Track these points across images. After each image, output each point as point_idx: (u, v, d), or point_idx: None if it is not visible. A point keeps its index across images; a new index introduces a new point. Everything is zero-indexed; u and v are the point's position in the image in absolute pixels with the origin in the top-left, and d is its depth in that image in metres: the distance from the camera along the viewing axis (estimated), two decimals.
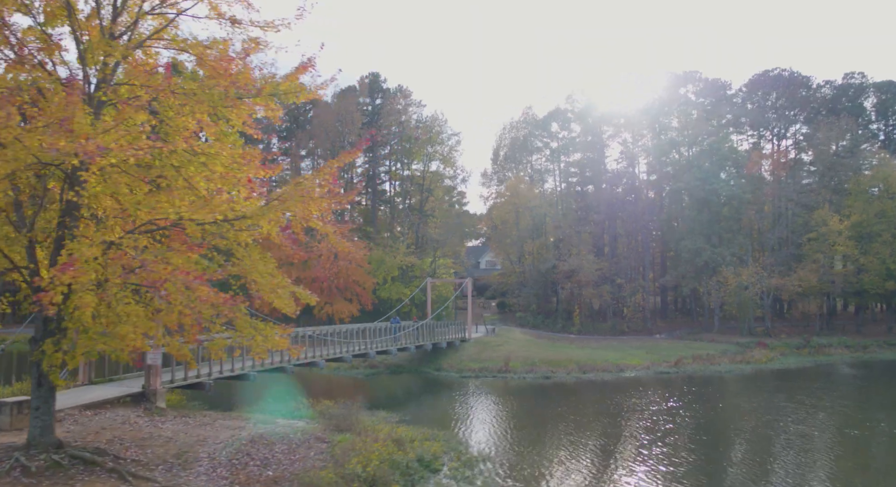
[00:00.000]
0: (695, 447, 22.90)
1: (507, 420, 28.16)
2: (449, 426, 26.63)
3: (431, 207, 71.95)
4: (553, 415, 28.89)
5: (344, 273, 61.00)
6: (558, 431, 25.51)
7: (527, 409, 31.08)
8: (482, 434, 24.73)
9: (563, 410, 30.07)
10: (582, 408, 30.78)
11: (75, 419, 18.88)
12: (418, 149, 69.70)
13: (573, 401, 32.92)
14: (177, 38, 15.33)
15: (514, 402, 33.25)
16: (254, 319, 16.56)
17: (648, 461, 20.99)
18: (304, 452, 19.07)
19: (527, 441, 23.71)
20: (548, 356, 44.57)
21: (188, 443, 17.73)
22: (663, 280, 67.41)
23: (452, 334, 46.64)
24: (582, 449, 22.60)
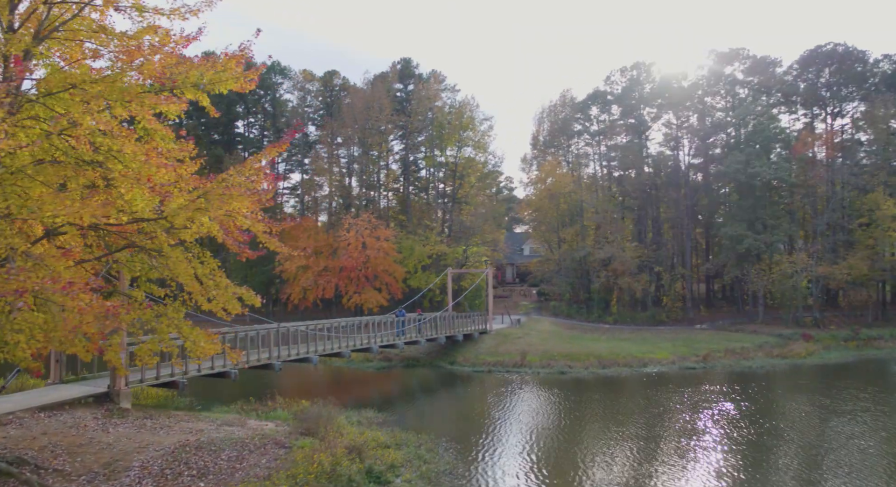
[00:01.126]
0: (659, 464, 21.18)
1: (498, 423, 26.85)
2: (436, 426, 25.53)
3: (465, 193, 70.53)
4: (552, 415, 27.47)
5: (372, 262, 60.39)
6: (546, 436, 24.10)
7: (527, 408, 29.66)
8: (464, 438, 23.50)
9: (565, 410, 28.58)
10: (585, 408, 29.25)
11: (22, 423, 18.52)
12: (450, 134, 68.27)
13: (578, 400, 31.38)
14: (84, 30, 14.44)
15: (517, 400, 31.88)
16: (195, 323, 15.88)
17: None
18: (256, 459, 18.29)
19: (508, 447, 22.38)
20: (568, 349, 42.93)
21: (126, 450, 17.12)
22: (704, 268, 64.55)
23: (472, 326, 45.45)
24: (565, 462, 21.15)
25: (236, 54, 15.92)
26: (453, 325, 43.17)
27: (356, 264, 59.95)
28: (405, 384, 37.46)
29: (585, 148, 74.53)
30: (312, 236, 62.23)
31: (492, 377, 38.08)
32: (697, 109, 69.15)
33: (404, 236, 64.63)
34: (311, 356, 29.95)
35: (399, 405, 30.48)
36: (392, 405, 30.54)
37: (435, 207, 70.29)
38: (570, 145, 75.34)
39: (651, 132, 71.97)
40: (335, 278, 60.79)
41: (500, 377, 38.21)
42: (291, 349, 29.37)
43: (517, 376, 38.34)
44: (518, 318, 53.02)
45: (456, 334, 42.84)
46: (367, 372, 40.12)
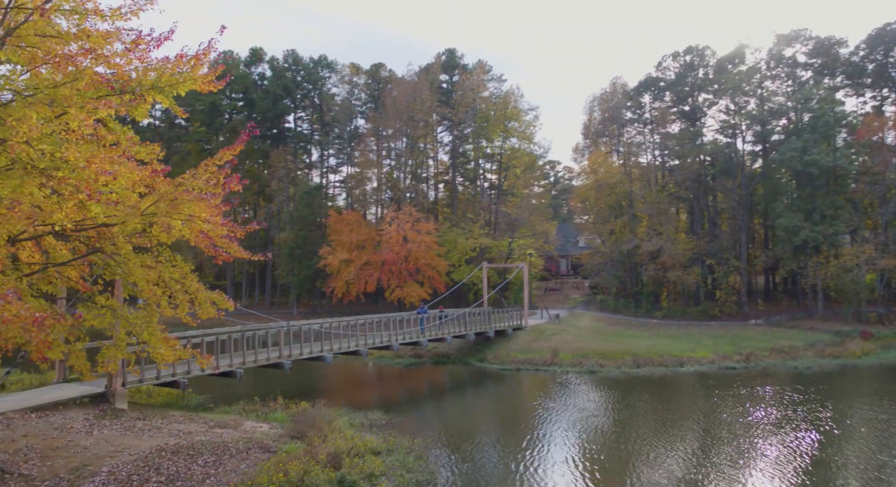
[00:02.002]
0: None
1: (504, 426, 26.02)
2: (441, 429, 24.91)
3: (510, 185, 69.42)
4: (562, 419, 26.44)
5: (413, 256, 60.12)
6: (545, 442, 23.13)
7: (539, 411, 28.67)
8: (461, 443, 22.78)
9: (579, 413, 27.48)
10: (600, 411, 28.02)
11: (9, 424, 18.82)
12: (494, 125, 67.21)
13: (600, 401, 30.16)
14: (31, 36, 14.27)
15: (533, 401, 30.91)
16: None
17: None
18: (234, 465, 18.11)
19: (499, 454, 21.55)
20: (604, 347, 41.55)
21: (100, 454, 17.16)
22: (760, 261, 61.65)
23: (505, 322, 44.56)
24: (553, 472, 20.19)
25: (195, 55, 15.57)
26: (484, 321, 42.39)
27: (397, 257, 59.81)
28: (428, 382, 36.93)
29: (637, 137, 72.19)
30: (355, 230, 62.38)
31: (518, 376, 37.19)
32: (755, 93, 65.92)
33: (447, 230, 64.08)
34: (326, 354, 29.74)
35: (410, 405, 29.99)
36: (405, 404, 30.11)
37: (480, 199, 69.38)
38: (621, 134, 73.11)
39: (706, 119, 69.16)
40: (377, 272, 60.80)
41: (528, 375, 37.28)
42: (304, 348, 29.23)
43: (545, 374, 37.32)
44: (557, 313, 51.73)
45: (487, 330, 42.04)
46: (395, 369, 39.78)
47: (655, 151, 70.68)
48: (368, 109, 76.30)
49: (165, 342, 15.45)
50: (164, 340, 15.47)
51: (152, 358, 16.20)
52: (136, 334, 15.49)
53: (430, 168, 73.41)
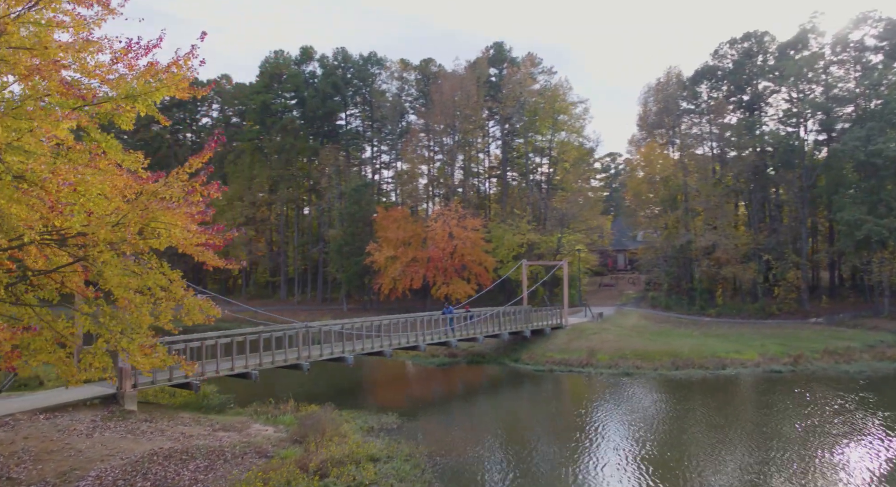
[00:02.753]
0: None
1: (514, 433, 25.37)
2: (452, 433, 24.48)
3: (560, 179, 68.15)
4: (579, 426, 25.60)
5: (459, 252, 59.78)
6: (557, 455, 22.37)
7: (556, 416, 27.88)
8: (471, 449, 22.26)
9: (598, 419, 26.56)
10: (620, 419, 26.98)
11: (15, 425, 19.37)
12: (543, 119, 66.02)
13: (625, 407, 29.10)
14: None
15: (556, 405, 30.10)
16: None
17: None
18: (226, 470, 18.13)
19: (503, 464, 20.94)
20: (644, 347, 40.19)
21: (93, 458, 17.43)
22: (821, 256, 58.67)
23: (543, 321, 43.70)
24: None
25: (173, 62, 15.56)
26: (520, 320, 41.65)
27: (443, 254, 59.56)
28: (456, 383, 36.51)
29: (693, 128, 69.61)
30: (402, 227, 62.36)
31: (551, 377, 36.34)
32: (820, 80, 62.57)
33: (495, 225, 63.43)
34: (347, 355, 29.68)
35: (430, 408, 29.66)
36: (425, 406, 29.80)
37: (529, 193, 68.34)
38: (677, 126, 70.72)
39: (766, 108, 66.17)
40: (423, 269, 60.68)
41: (560, 376, 36.40)
42: (324, 349, 29.24)
43: (578, 376, 36.37)
44: (600, 312, 50.37)
45: (523, 329, 41.29)
46: (427, 369, 39.49)
47: (711, 142, 68.06)
48: (419, 104, 76.17)
49: (141, 351, 15.46)
50: (139, 348, 15.47)
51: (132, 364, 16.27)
52: (114, 341, 15.57)
53: (481, 163, 72.75)
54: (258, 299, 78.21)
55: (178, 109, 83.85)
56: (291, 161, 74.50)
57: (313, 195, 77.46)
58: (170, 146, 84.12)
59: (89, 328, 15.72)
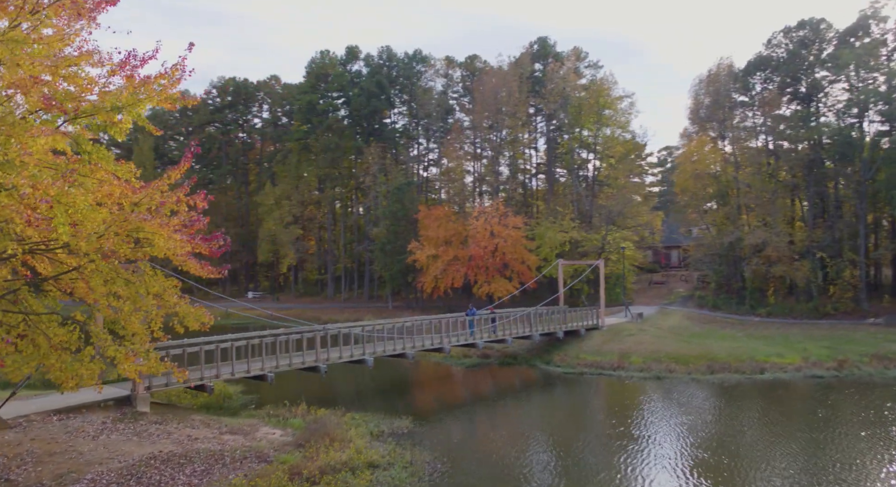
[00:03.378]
0: None
1: (530, 438, 24.94)
2: (464, 439, 24.27)
3: (605, 175, 66.86)
4: (598, 432, 24.99)
5: (500, 250, 59.36)
6: (566, 464, 21.86)
7: (578, 421, 27.30)
8: (474, 456, 21.98)
9: (617, 427, 25.87)
10: (646, 429, 26.21)
11: (27, 426, 20.05)
12: (587, 114, 64.83)
13: (649, 413, 28.27)
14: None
15: (578, 409, 29.47)
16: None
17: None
18: (224, 474, 18.37)
19: (515, 475, 20.58)
20: (680, 350, 39.05)
21: (92, 461, 17.88)
22: (879, 254, 55.88)
23: (578, 321, 42.93)
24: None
25: (159, 74, 15.81)
26: (553, 321, 41.01)
27: (484, 253, 59.22)
28: (481, 385, 36.20)
29: (745, 121, 67.16)
30: (443, 225, 62.27)
31: (580, 380, 35.66)
32: (881, 68, 59.43)
33: (536, 223, 62.72)
34: (367, 357, 29.74)
35: (448, 411, 29.46)
36: (444, 409, 29.66)
37: (574, 190, 67.25)
38: (729, 118, 68.37)
39: (823, 99, 63.26)
40: (464, 268, 60.47)
41: (590, 379, 35.68)
42: (344, 352, 29.35)
43: (608, 379, 35.59)
44: (640, 312, 49.14)
45: (556, 330, 40.65)
46: (456, 370, 39.29)
47: (764, 135, 65.54)
48: (464, 101, 75.88)
49: (127, 361, 15.74)
50: (125, 356, 15.76)
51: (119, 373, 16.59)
52: (104, 349, 15.91)
53: (528, 160, 72.04)
54: (307, 296, 79.49)
55: (230, 110, 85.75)
56: (338, 160, 75.27)
57: (359, 194, 78.14)
58: (220, 147, 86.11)
59: (64, 338, 15.99)
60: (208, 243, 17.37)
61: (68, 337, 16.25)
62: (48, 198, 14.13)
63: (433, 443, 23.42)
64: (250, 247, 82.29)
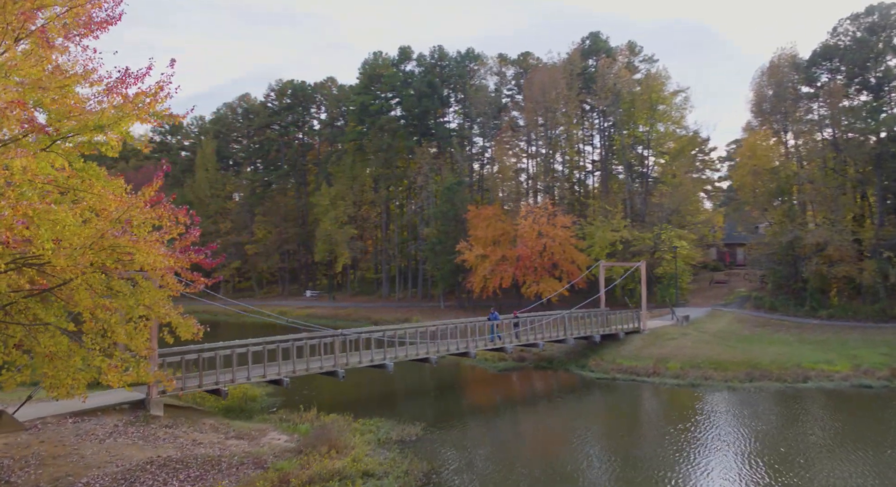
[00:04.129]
0: None
1: (544, 449, 24.54)
2: (470, 447, 24.10)
3: (661, 172, 65.13)
4: (605, 446, 24.38)
5: (549, 251, 58.66)
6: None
7: (594, 432, 26.69)
8: (473, 468, 21.81)
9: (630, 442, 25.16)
10: (656, 445, 25.39)
11: (41, 429, 21.04)
12: (640, 110, 63.25)
13: (669, 425, 27.37)
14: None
15: (593, 419, 28.80)
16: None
17: None
18: (216, 481, 18.81)
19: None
20: (722, 355, 37.66)
21: (92, 464, 18.61)
22: None
23: (618, 325, 41.97)
24: None
25: (143, 91, 16.40)
26: (593, 323, 40.24)
27: (532, 253, 58.64)
28: (509, 390, 35.87)
29: (807, 114, 64.04)
30: (492, 225, 61.94)
31: (612, 386, 34.87)
32: None
33: (587, 223, 61.65)
34: (387, 362, 29.91)
35: (464, 417, 29.27)
36: (460, 415, 29.51)
37: (627, 188, 65.77)
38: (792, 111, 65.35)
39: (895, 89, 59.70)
40: (512, 268, 60.02)
41: (620, 386, 34.85)
42: (363, 356, 29.59)
43: (639, 386, 34.68)
44: (686, 314, 47.56)
45: (592, 334, 39.85)
46: (488, 374, 38.99)
47: (830, 128, 62.31)
48: (518, 99, 75.22)
49: (112, 371, 16.28)
50: (110, 368, 16.30)
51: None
52: (89, 360, 16.51)
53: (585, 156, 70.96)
54: (362, 295, 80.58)
55: (288, 112, 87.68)
56: (391, 160, 75.93)
57: (412, 193, 78.67)
58: (279, 149, 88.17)
59: (53, 349, 16.59)
60: (200, 256, 17.85)
61: (57, 347, 16.94)
62: (25, 219, 14.77)
63: (440, 451, 23.39)
64: (308, 247, 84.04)
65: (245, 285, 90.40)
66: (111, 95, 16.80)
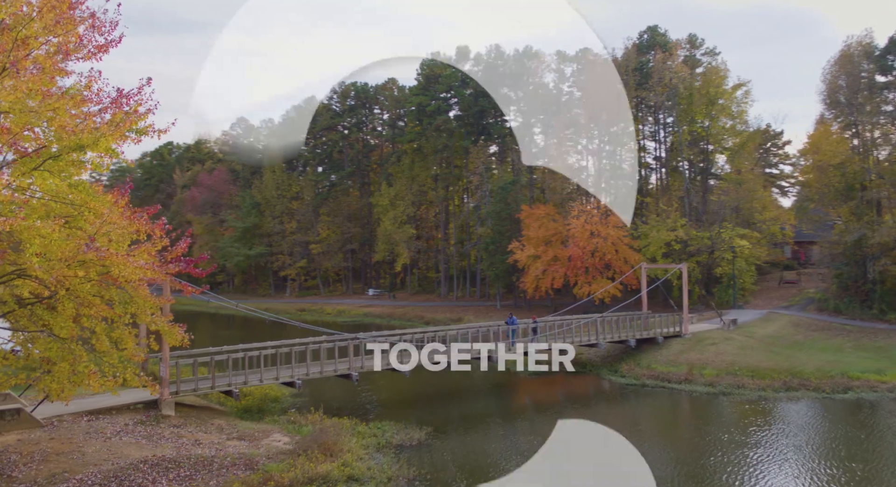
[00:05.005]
0: None
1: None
2: (470, 456, 24.23)
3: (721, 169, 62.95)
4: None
5: (601, 251, 57.77)
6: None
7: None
8: (463, 479, 21.93)
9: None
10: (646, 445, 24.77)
11: (56, 426, 22.52)
12: (699, 105, 61.24)
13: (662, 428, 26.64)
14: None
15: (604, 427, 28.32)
16: None
17: None
18: (205, 480, 19.70)
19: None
20: (762, 362, 36.21)
21: (89, 462, 19.82)
22: None
23: (656, 329, 40.98)
24: None
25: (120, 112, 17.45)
26: (623, 328, 39.41)
27: (583, 253, 57.89)
28: (532, 395, 35.49)
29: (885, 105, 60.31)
30: (544, 225, 61.43)
31: (639, 393, 34.15)
32: None
33: (642, 222, 60.28)
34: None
35: (475, 423, 29.25)
36: (472, 420, 29.55)
37: (685, 186, 63.85)
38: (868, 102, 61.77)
39: None
40: (563, 268, 59.38)
41: (647, 393, 34.10)
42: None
43: (667, 393, 33.84)
44: (734, 318, 45.80)
45: (626, 338, 39.06)
46: (518, 378, 38.62)
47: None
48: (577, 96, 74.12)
49: (93, 376, 17.35)
50: (91, 373, 17.36)
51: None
52: (76, 365, 17.63)
53: (635, 156, 69.18)
54: (422, 294, 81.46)
55: (351, 114, 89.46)
56: (449, 160, 76.36)
57: (468, 193, 78.92)
58: (341, 150, 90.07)
59: (49, 355, 17.77)
60: (183, 266, 18.80)
61: (49, 353, 18.13)
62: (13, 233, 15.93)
63: (436, 457, 23.62)
64: (371, 246, 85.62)
65: (311, 283, 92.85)
66: (102, 115, 17.92)
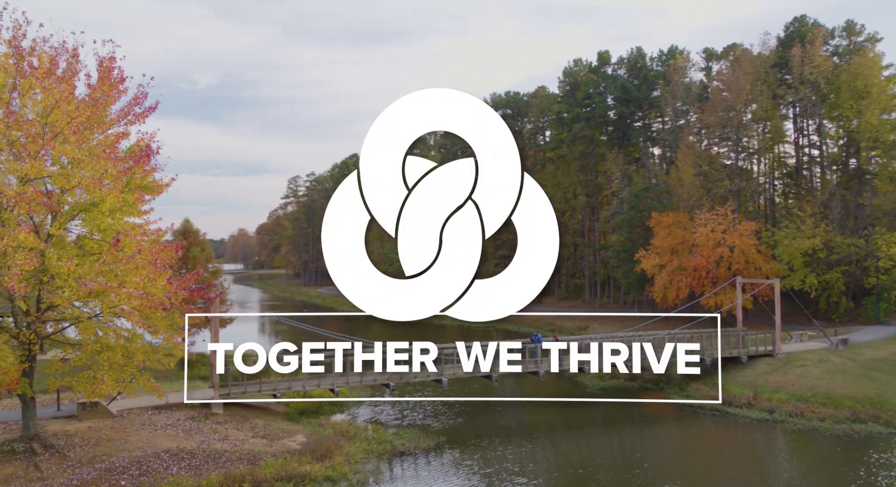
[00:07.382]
0: None
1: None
2: (473, 473, 26.01)
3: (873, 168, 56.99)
4: None
5: (727, 260, 55.29)
6: None
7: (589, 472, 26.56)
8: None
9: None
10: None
11: (123, 418, 27.70)
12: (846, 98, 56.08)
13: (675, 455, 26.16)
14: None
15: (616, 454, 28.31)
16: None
17: None
18: (208, 471, 23.74)
19: None
20: (847, 389, 33.31)
21: (127, 449, 24.63)
22: None
23: (746, 346, 39.18)
24: None
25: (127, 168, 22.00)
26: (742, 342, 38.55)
27: (708, 262, 55.73)
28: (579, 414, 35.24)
29: None
30: (671, 233, 59.75)
31: (687, 415, 33.40)
32: None
33: (777, 229, 56.57)
34: (442, 378, 32.59)
35: (499, 440, 30.28)
36: (499, 436, 30.69)
37: (830, 188, 58.54)
38: None
39: None
40: (689, 278, 57.49)
41: (695, 415, 33.35)
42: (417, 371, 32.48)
43: (717, 418, 32.78)
44: (844, 338, 41.76)
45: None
46: (583, 390, 39.01)
47: None
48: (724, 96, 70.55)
49: (91, 386, 21.99)
50: (91, 382, 22.00)
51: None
52: (97, 372, 22.32)
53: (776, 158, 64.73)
54: (568, 300, 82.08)
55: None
56: (588, 167, 76.14)
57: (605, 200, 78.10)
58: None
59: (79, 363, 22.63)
60: (200, 294, 22.99)
61: (79, 361, 23.01)
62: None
63: (435, 472, 25.39)
64: None
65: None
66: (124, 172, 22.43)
